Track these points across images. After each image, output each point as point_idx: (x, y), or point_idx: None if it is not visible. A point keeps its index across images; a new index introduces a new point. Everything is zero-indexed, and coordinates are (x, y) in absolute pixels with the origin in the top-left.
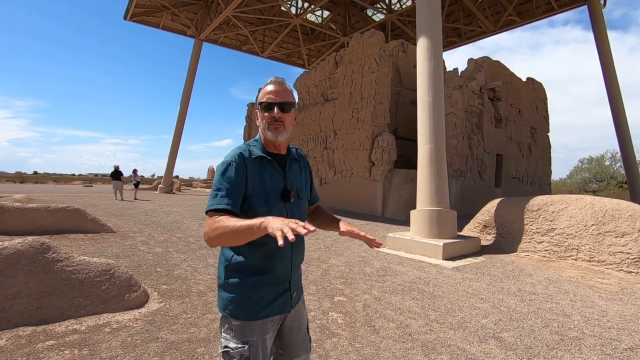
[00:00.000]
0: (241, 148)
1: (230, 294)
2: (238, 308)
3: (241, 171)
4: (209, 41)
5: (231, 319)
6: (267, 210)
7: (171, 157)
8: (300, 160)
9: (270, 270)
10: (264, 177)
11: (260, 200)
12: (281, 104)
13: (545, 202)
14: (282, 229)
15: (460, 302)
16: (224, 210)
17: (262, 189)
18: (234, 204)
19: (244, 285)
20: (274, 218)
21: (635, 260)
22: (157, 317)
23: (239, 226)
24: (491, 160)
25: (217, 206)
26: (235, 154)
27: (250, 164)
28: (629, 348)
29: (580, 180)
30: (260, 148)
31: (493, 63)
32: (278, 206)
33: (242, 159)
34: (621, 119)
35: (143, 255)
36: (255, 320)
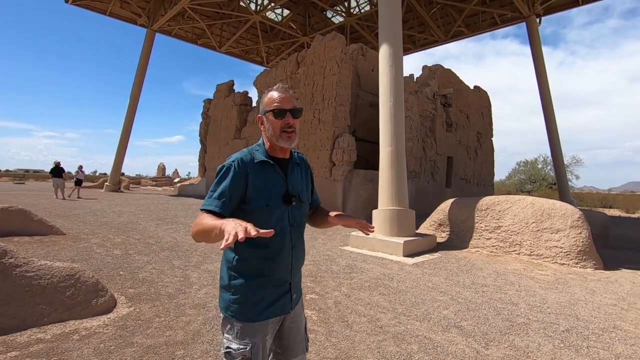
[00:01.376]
0: (243, 153)
1: (233, 295)
2: (240, 309)
3: (239, 175)
4: (162, 32)
5: (234, 320)
6: (269, 213)
7: (119, 153)
8: (301, 163)
9: (271, 273)
10: (266, 181)
11: (261, 203)
12: (293, 110)
13: (492, 202)
14: (231, 233)
15: (423, 295)
16: (211, 211)
17: (264, 193)
18: (223, 207)
19: (246, 286)
20: (230, 221)
21: (567, 253)
22: (129, 322)
23: (205, 226)
24: (443, 162)
25: (207, 207)
26: (235, 158)
27: (251, 168)
28: (566, 330)
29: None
30: (263, 153)
31: (445, 71)
32: (279, 209)
33: (243, 163)
34: (552, 126)
35: (101, 259)
36: (257, 322)
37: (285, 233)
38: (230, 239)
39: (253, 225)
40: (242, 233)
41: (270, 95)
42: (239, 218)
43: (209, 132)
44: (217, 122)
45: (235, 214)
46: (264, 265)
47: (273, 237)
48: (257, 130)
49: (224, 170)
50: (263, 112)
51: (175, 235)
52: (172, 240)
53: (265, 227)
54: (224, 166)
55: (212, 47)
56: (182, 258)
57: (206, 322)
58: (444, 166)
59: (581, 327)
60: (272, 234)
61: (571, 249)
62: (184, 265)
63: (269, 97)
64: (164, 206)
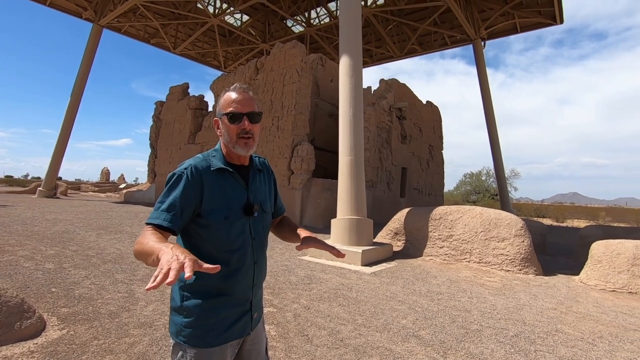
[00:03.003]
0: (198, 159)
1: (186, 318)
2: (194, 333)
3: (192, 185)
4: (111, 28)
5: (186, 346)
6: (228, 227)
7: (56, 155)
8: (263, 169)
9: (230, 292)
10: (225, 191)
11: (219, 216)
12: (250, 114)
13: (445, 211)
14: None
15: (382, 305)
16: (158, 225)
17: (223, 204)
18: (173, 221)
19: (202, 307)
20: (166, 250)
21: (512, 260)
22: (60, 347)
23: (145, 247)
24: (398, 172)
25: (153, 221)
26: (188, 165)
27: (207, 177)
28: (515, 335)
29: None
30: (220, 159)
31: (400, 85)
32: (240, 221)
33: (197, 171)
34: (495, 141)
35: (30, 274)
36: (214, 347)
37: (247, 247)
38: (158, 280)
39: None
40: (174, 273)
41: (227, 96)
42: (193, 233)
43: (161, 136)
44: (169, 126)
45: (189, 229)
46: (223, 283)
47: (233, 252)
48: (213, 135)
49: (175, 178)
50: (219, 115)
51: (119, 246)
52: (115, 251)
53: (225, 242)
54: (175, 174)
55: (166, 48)
56: (126, 271)
57: (153, 342)
58: (398, 176)
59: (528, 332)
60: (218, 269)
61: (515, 256)
62: (129, 280)
63: (225, 99)
64: (107, 214)
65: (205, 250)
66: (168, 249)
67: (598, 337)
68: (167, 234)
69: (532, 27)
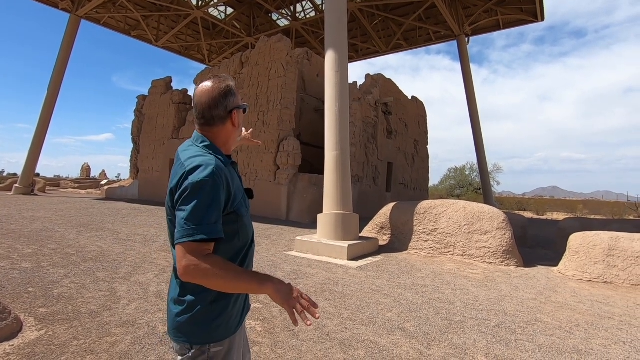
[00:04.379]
0: (212, 158)
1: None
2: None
3: (222, 187)
4: (89, 19)
5: (210, 346)
6: (248, 216)
7: (33, 151)
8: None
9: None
10: (237, 183)
11: (244, 207)
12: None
13: (430, 205)
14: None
15: (367, 299)
16: (210, 240)
17: (241, 195)
18: (220, 231)
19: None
20: (280, 286)
21: (494, 253)
22: (38, 348)
23: (241, 281)
24: (383, 167)
25: (203, 236)
26: (211, 168)
27: (228, 174)
28: (497, 325)
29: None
30: (220, 153)
31: (386, 80)
32: (249, 209)
33: (221, 171)
34: (478, 136)
35: (5, 274)
36: (236, 333)
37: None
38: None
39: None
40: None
41: (234, 88)
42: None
43: (143, 131)
44: (152, 121)
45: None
46: (242, 264)
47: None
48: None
49: (208, 183)
50: (239, 107)
51: (100, 243)
52: (97, 249)
53: (249, 229)
54: (204, 179)
55: (148, 41)
56: (108, 269)
57: (136, 341)
58: (384, 171)
59: (509, 322)
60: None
61: (497, 248)
62: (111, 278)
63: (235, 90)
64: (88, 211)
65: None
66: (278, 283)
67: (575, 325)
68: (212, 244)
69: (515, 24)
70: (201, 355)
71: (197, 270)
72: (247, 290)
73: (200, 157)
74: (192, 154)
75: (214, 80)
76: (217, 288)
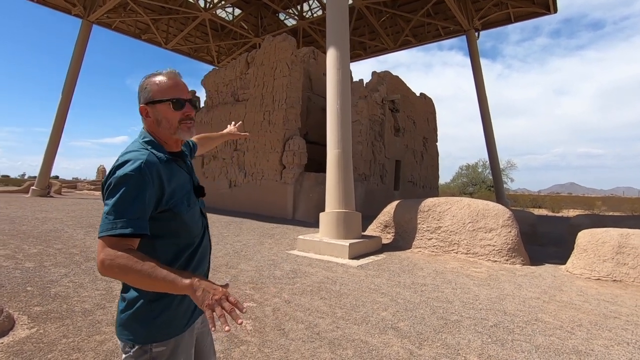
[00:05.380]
0: (143, 153)
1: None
2: (165, 327)
3: (151, 182)
4: (101, 24)
5: (152, 346)
6: (192, 214)
7: (49, 154)
8: (186, 146)
9: (195, 269)
10: (178, 180)
11: (183, 205)
12: (191, 100)
13: (434, 203)
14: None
15: (364, 297)
16: (130, 235)
17: (182, 193)
18: (144, 226)
19: (173, 298)
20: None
21: (499, 251)
22: (27, 345)
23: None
24: (391, 165)
25: (123, 231)
26: (139, 163)
27: (162, 170)
28: (494, 325)
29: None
30: (160, 149)
31: (393, 77)
32: (196, 206)
33: (151, 166)
34: (489, 133)
35: (7, 273)
36: (184, 333)
37: (204, 227)
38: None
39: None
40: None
41: (162, 82)
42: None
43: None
44: None
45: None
46: (189, 266)
47: (197, 236)
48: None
49: (133, 178)
50: (150, 101)
51: None
52: None
53: (193, 228)
54: (129, 173)
55: (158, 43)
56: None
57: None
58: (392, 169)
59: (507, 322)
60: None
61: (502, 246)
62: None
63: (160, 85)
64: (99, 212)
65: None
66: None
67: (577, 325)
68: (136, 240)
69: (526, 17)
70: (143, 354)
71: (113, 265)
72: (166, 288)
73: (133, 152)
74: (128, 149)
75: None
76: (135, 285)
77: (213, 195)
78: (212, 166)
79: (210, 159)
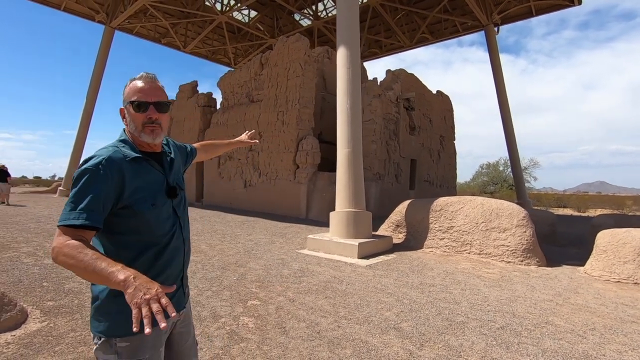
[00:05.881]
0: (109, 150)
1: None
2: (126, 323)
3: (111, 178)
4: (123, 30)
5: (116, 340)
6: (157, 213)
7: (75, 155)
8: (171, 148)
9: (162, 272)
10: (146, 179)
11: (146, 204)
12: (157, 103)
13: (446, 202)
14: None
15: (369, 297)
16: (81, 226)
17: (148, 192)
18: (96, 219)
19: None
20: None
21: (513, 251)
22: (37, 338)
23: (93, 269)
24: (406, 164)
25: (74, 222)
26: (101, 159)
27: (125, 167)
28: (501, 327)
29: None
30: (131, 149)
31: (408, 75)
32: (166, 206)
33: (113, 162)
34: (510, 130)
35: (26, 269)
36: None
37: (176, 228)
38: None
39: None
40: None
41: (133, 85)
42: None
43: (172, 134)
44: (180, 124)
45: (112, 223)
46: (154, 264)
47: (164, 236)
48: (222, 131)
49: (90, 173)
50: (124, 104)
51: None
52: None
53: (157, 228)
54: (88, 168)
55: (177, 47)
56: None
57: None
58: (407, 168)
59: (516, 324)
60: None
61: (517, 247)
62: None
63: (130, 87)
64: None
65: (133, 239)
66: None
67: (590, 329)
68: (91, 233)
69: (549, 10)
70: (109, 348)
71: (59, 254)
72: (103, 282)
73: (103, 149)
74: (104, 147)
75: None
76: (81, 276)
77: (229, 195)
78: (227, 166)
79: (226, 159)
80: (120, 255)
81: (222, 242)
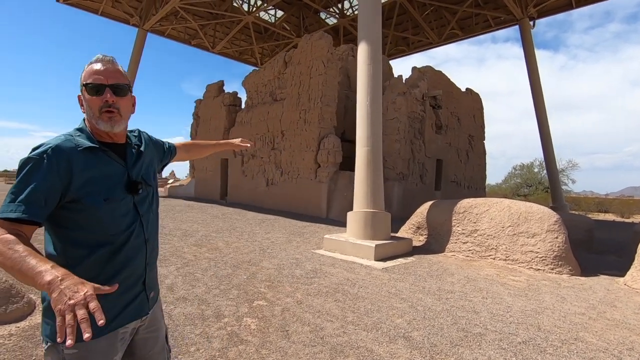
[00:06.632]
0: (59, 139)
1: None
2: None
3: (57, 168)
4: (154, 32)
5: (63, 346)
6: (111, 209)
7: None
8: (142, 141)
9: (117, 274)
10: (101, 171)
11: (98, 198)
12: (114, 86)
13: (470, 204)
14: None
15: (381, 302)
16: (18, 219)
17: (101, 185)
18: (36, 213)
19: None
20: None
21: (542, 258)
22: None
23: (20, 268)
24: (432, 164)
25: (10, 214)
26: (47, 148)
27: (75, 158)
28: (523, 341)
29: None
30: (87, 137)
31: (435, 72)
32: (124, 201)
33: (60, 152)
34: (545, 130)
35: None
36: (100, 337)
37: (136, 227)
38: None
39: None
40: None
41: (89, 68)
42: (68, 220)
43: (198, 133)
44: (206, 123)
45: (59, 217)
46: (108, 266)
47: (120, 235)
48: (246, 130)
49: (33, 162)
50: (80, 89)
51: None
52: None
53: (110, 225)
54: (31, 157)
55: (205, 48)
56: None
57: None
58: (433, 169)
59: (540, 339)
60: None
61: (547, 254)
62: None
63: (86, 71)
64: None
65: (82, 236)
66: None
67: (627, 348)
68: (31, 227)
69: (591, 1)
70: (56, 353)
71: None
72: (28, 282)
73: (54, 138)
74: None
75: None
76: (12, 275)
77: (251, 194)
78: (250, 165)
79: (249, 157)
80: (68, 252)
81: (239, 240)
